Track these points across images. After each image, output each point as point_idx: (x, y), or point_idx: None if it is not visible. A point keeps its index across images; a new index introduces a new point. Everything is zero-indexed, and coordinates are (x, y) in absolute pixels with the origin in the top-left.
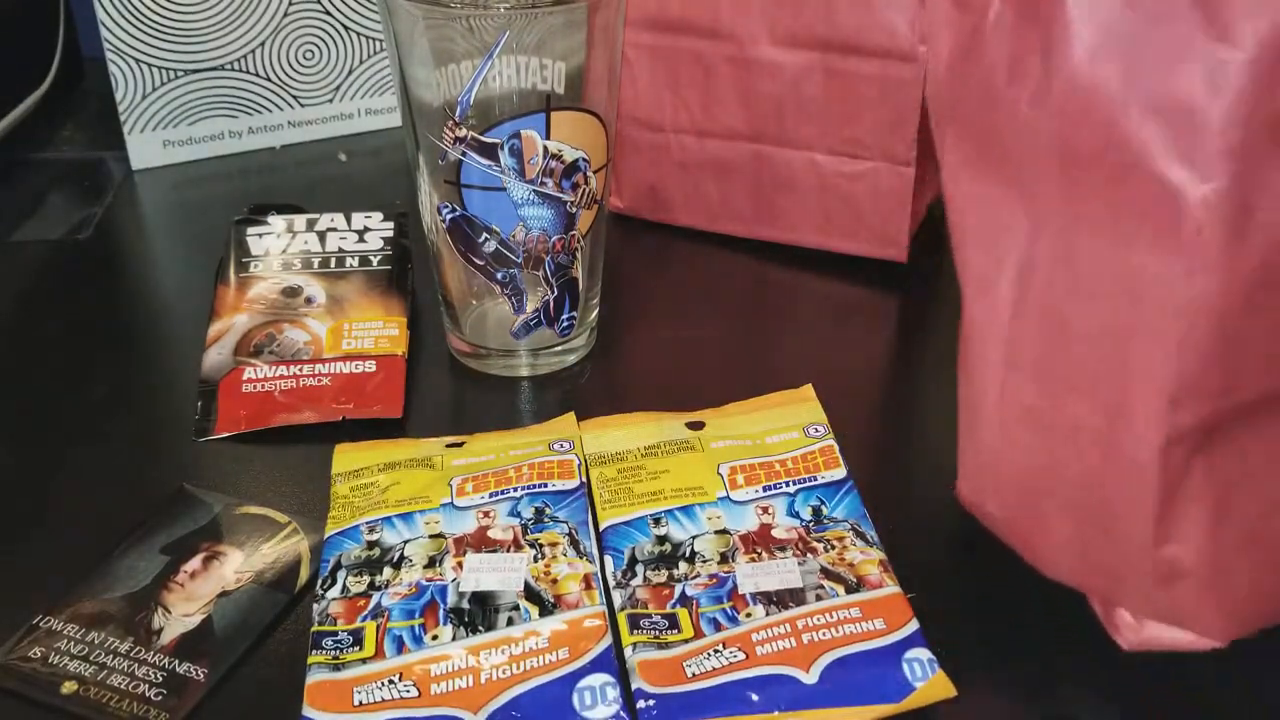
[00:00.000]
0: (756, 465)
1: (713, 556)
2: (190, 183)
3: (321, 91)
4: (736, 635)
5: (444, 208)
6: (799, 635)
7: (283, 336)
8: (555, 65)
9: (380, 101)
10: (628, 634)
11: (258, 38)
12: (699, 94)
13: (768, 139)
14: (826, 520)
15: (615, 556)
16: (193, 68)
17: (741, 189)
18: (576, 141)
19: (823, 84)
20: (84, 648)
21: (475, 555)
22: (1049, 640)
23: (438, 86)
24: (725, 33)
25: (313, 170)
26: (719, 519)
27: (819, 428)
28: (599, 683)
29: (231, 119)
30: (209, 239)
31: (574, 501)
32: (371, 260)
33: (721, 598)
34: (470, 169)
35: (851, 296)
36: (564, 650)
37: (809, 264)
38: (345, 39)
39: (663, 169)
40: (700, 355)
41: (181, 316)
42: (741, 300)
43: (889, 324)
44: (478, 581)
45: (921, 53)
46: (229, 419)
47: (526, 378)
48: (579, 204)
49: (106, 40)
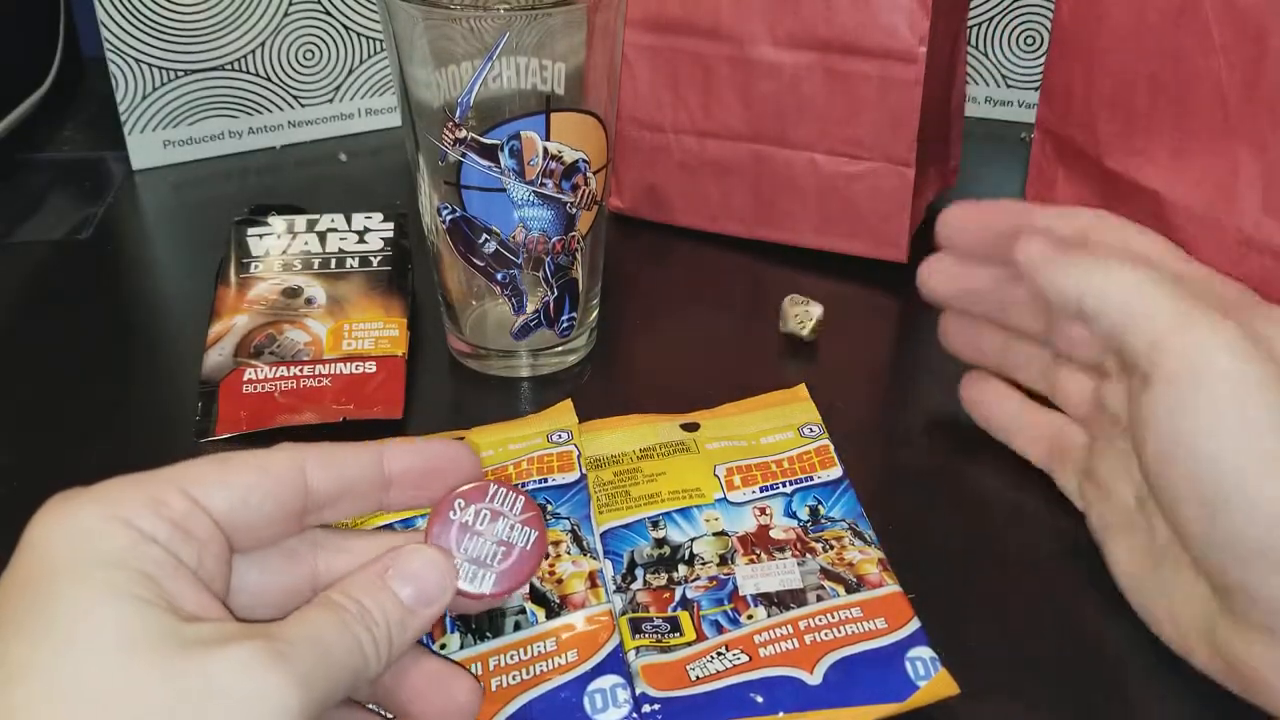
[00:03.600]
0: (753, 466)
1: (712, 559)
2: (190, 183)
3: (321, 91)
4: (739, 637)
5: (444, 208)
6: (801, 636)
7: (283, 337)
8: (555, 66)
9: (380, 102)
10: (629, 638)
11: (258, 38)
12: (699, 94)
13: (768, 139)
14: (824, 520)
15: (614, 560)
16: (193, 68)
17: (741, 189)
18: (576, 142)
19: (823, 84)
20: None
21: None
22: (1050, 636)
23: (437, 87)
24: (725, 33)
25: (313, 170)
26: (717, 521)
27: (813, 427)
28: (609, 684)
29: (232, 119)
30: (209, 239)
31: (575, 495)
32: (372, 261)
33: (722, 600)
34: (470, 170)
35: (851, 296)
36: (573, 652)
37: (809, 264)
38: (345, 39)
39: (663, 169)
40: (701, 355)
41: (181, 317)
42: (741, 300)
43: (889, 324)
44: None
45: (921, 53)
46: (229, 420)
47: (526, 378)
48: (579, 205)
49: (107, 40)
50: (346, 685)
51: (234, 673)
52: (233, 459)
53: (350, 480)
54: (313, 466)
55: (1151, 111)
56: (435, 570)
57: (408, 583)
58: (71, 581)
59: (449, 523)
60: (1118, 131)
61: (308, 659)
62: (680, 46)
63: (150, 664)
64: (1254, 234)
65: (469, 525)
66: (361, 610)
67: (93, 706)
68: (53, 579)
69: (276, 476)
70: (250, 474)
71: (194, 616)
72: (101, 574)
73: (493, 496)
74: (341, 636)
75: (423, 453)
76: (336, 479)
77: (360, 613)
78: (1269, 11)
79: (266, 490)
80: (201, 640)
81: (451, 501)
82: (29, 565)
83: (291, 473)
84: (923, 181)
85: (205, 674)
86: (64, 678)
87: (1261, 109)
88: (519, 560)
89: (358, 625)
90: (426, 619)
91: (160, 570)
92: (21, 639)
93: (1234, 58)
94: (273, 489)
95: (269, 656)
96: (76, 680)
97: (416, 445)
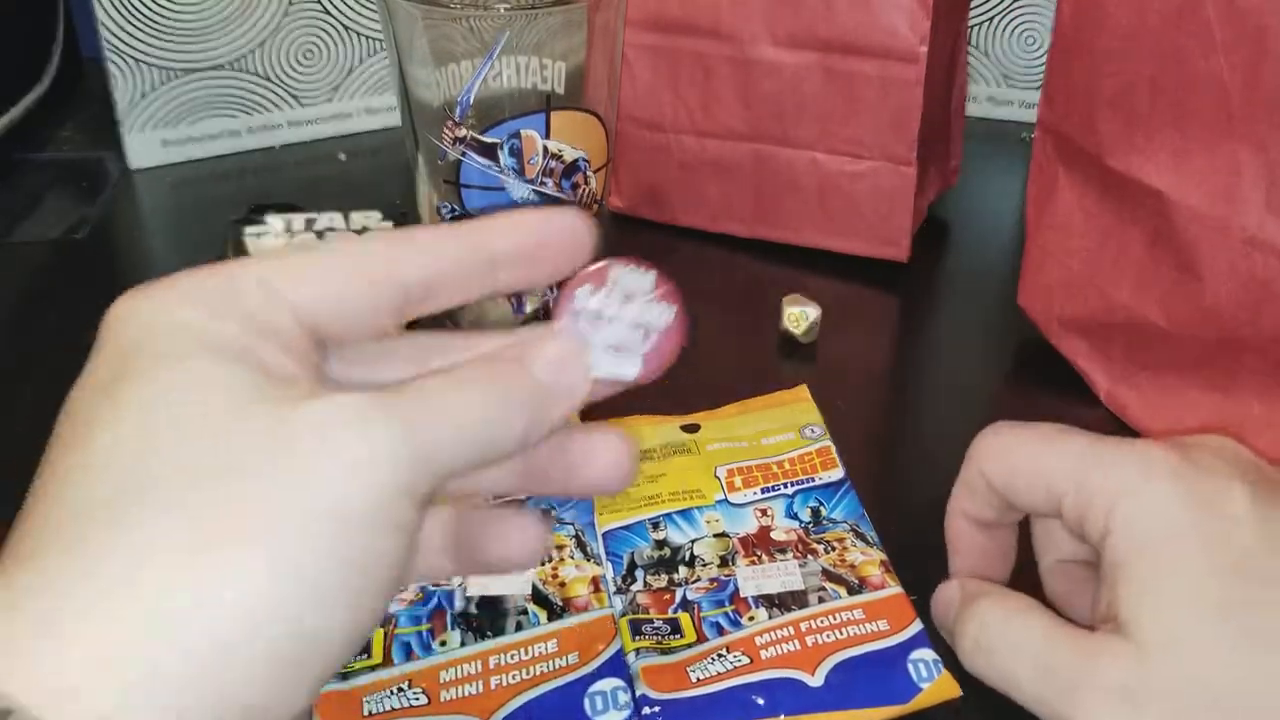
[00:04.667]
0: (754, 467)
1: (713, 560)
2: (188, 182)
3: (320, 91)
4: (740, 639)
5: (443, 207)
6: (803, 638)
7: None
8: (555, 65)
9: (379, 101)
10: (630, 640)
11: (257, 37)
12: (699, 94)
13: (768, 139)
14: (825, 521)
15: (614, 562)
16: (191, 67)
17: (742, 189)
18: (576, 141)
19: (823, 84)
20: None
21: None
22: None
23: (437, 86)
24: (725, 32)
25: (312, 170)
26: (718, 522)
27: (815, 428)
28: (610, 687)
29: (230, 118)
30: (207, 239)
31: (579, 500)
32: None
33: (723, 601)
34: (470, 169)
35: (851, 296)
36: (574, 655)
37: (809, 264)
38: (344, 38)
39: (663, 169)
40: (701, 356)
41: None
42: (742, 300)
43: (889, 324)
44: (485, 586)
45: (922, 53)
46: None
47: None
48: (579, 204)
49: (105, 40)
50: (474, 452)
51: (332, 414)
52: (318, 247)
53: (450, 261)
54: (408, 257)
55: (1153, 111)
56: (572, 356)
57: (543, 366)
58: (150, 351)
59: (576, 313)
60: (1119, 131)
61: (421, 412)
62: (680, 46)
63: (240, 408)
64: (1258, 233)
65: (599, 312)
66: (492, 375)
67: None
68: (134, 352)
69: (367, 272)
70: (337, 265)
71: (287, 378)
72: (182, 338)
73: (621, 277)
74: (466, 399)
75: (529, 226)
76: (434, 261)
77: (490, 378)
78: (1270, 11)
79: (357, 288)
80: (299, 392)
81: (575, 290)
82: (105, 349)
83: (384, 265)
84: (924, 181)
85: (302, 418)
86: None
87: (1263, 109)
88: (660, 339)
89: (489, 391)
90: (565, 407)
91: (244, 337)
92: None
93: (1235, 58)
94: (365, 284)
95: (372, 402)
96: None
97: (522, 218)
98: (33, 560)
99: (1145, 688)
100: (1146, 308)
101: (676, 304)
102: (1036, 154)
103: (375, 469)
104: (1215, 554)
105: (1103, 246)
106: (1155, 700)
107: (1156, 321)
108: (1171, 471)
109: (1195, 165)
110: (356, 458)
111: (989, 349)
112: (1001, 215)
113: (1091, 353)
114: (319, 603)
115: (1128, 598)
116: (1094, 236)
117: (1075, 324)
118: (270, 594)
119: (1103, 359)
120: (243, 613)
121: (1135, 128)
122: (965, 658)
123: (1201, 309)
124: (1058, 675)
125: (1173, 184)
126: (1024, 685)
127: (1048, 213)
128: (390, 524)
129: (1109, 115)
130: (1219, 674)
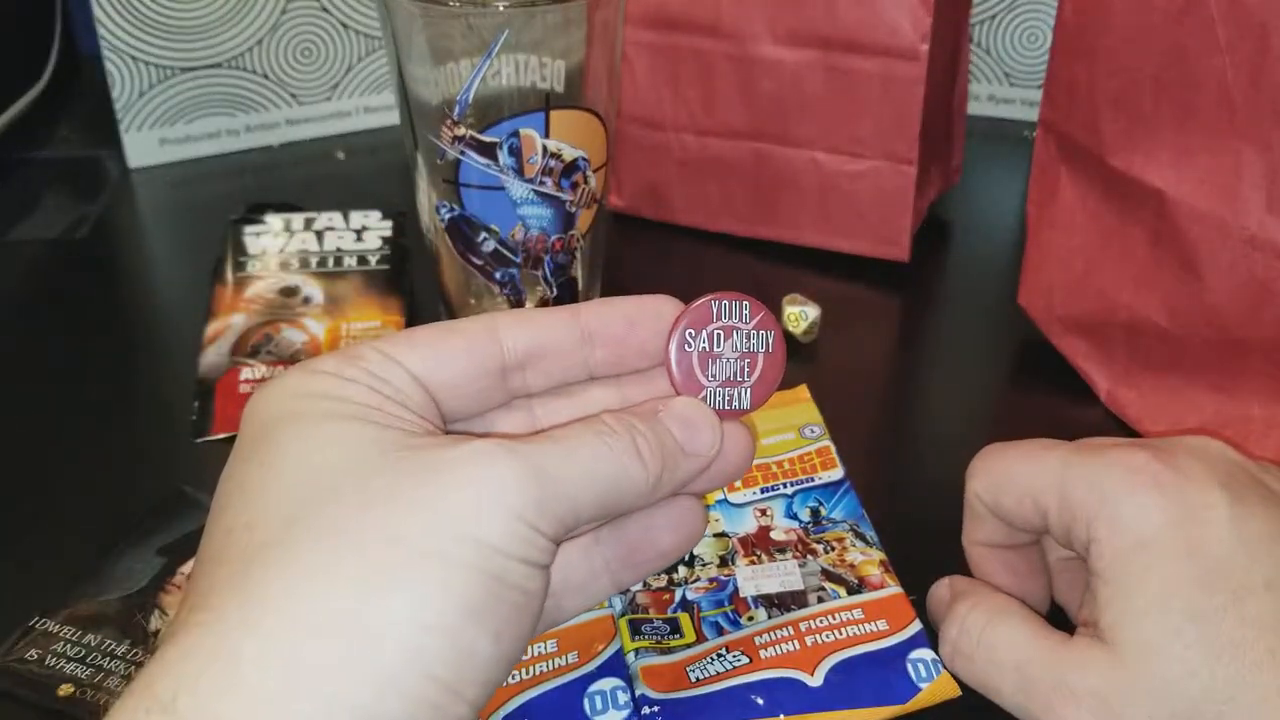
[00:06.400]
0: (753, 467)
1: (712, 560)
2: (187, 181)
3: (319, 89)
4: (739, 639)
5: (442, 207)
6: (802, 638)
7: (280, 336)
8: (554, 63)
9: (378, 99)
10: (629, 640)
11: (255, 35)
12: (699, 92)
13: (768, 137)
14: (825, 521)
15: None
16: (190, 65)
17: (742, 188)
18: (576, 140)
19: (824, 82)
20: (81, 650)
21: None
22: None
23: (436, 85)
24: (726, 30)
25: (310, 169)
26: (717, 522)
27: (814, 428)
28: (609, 687)
29: (229, 117)
30: (206, 238)
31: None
32: (369, 260)
33: (723, 601)
34: (469, 168)
35: (851, 296)
36: (573, 654)
37: (809, 263)
38: (343, 37)
39: (663, 168)
40: None
41: (178, 316)
42: None
43: (889, 324)
44: None
45: (923, 51)
46: (226, 419)
47: None
48: (578, 203)
49: (103, 38)
50: (603, 496)
51: (466, 455)
52: (423, 327)
53: (546, 336)
54: (505, 325)
55: (1156, 110)
56: (704, 417)
57: (676, 422)
58: (290, 418)
59: (686, 355)
60: (1121, 130)
61: (551, 455)
62: (681, 44)
63: (381, 454)
64: (1258, 233)
65: (707, 351)
66: (628, 426)
67: (332, 486)
68: (273, 424)
69: (467, 334)
70: (440, 333)
71: (415, 430)
72: (317, 404)
73: (719, 313)
74: (595, 446)
75: (620, 307)
76: (531, 336)
77: (624, 429)
78: (1273, 10)
79: (458, 347)
80: (428, 441)
81: (682, 334)
82: (244, 433)
83: (483, 331)
84: (925, 180)
85: (439, 458)
86: (302, 470)
87: (1266, 108)
88: (766, 367)
89: (618, 440)
90: (696, 465)
91: (373, 397)
92: (250, 468)
93: (1238, 57)
94: (465, 345)
95: (503, 445)
96: (315, 469)
97: (613, 301)
98: (209, 598)
99: (1119, 695)
100: (1147, 308)
101: (774, 329)
102: (1038, 153)
103: (505, 500)
104: (1192, 563)
105: (1104, 246)
106: (1129, 707)
107: (1157, 321)
108: (1153, 480)
109: (1197, 165)
110: (491, 491)
111: (989, 349)
112: (1003, 215)
113: (1092, 353)
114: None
115: (1108, 605)
116: (1095, 236)
117: (1076, 324)
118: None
119: (1103, 359)
120: (410, 632)
121: (1138, 126)
122: (946, 661)
123: (1202, 309)
124: (1036, 682)
125: (1174, 183)
126: (1004, 691)
127: (1049, 212)
128: (523, 554)
129: (1111, 114)
130: (1190, 682)
